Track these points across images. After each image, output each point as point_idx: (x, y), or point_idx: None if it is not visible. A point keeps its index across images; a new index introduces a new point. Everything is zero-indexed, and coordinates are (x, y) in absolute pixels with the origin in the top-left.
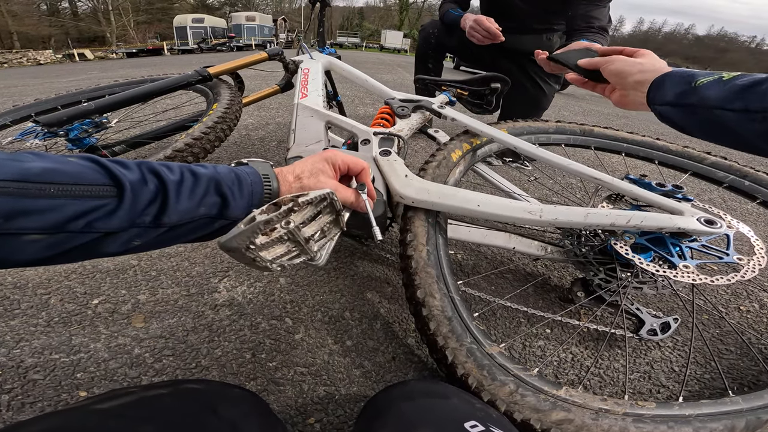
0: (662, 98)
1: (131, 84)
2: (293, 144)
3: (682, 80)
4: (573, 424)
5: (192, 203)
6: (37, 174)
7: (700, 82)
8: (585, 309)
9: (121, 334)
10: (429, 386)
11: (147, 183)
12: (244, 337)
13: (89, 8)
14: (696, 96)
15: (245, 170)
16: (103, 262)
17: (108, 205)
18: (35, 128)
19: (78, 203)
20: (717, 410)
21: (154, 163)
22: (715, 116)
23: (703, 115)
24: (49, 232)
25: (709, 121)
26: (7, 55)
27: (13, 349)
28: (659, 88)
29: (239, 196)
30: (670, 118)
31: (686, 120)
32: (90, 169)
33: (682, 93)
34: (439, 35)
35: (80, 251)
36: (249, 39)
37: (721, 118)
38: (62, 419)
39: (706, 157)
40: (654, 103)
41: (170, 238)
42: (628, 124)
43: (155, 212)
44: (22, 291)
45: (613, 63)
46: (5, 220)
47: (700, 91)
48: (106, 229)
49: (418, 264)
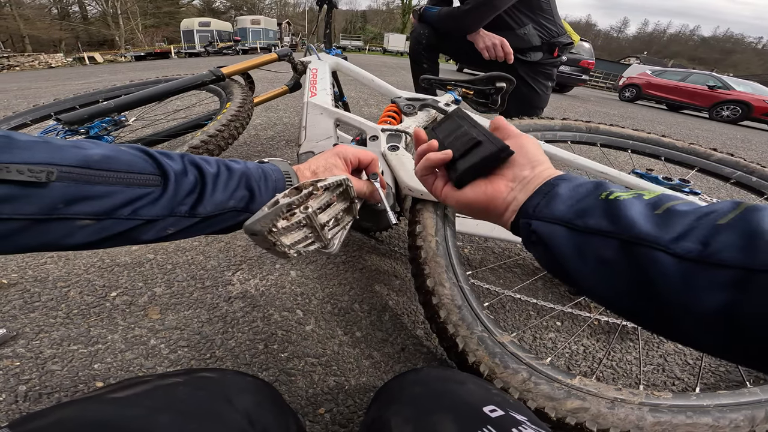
0: (549, 209)
1: (146, 84)
2: (304, 140)
3: (584, 189)
4: (588, 412)
5: (224, 196)
6: (97, 161)
7: (614, 195)
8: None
9: (138, 326)
10: (443, 372)
11: (188, 174)
12: (257, 328)
13: (99, 12)
14: (609, 215)
15: (270, 167)
16: (121, 256)
17: (153, 194)
18: (56, 126)
19: (128, 191)
20: (736, 401)
21: (194, 155)
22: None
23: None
24: (100, 217)
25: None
26: (19, 59)
27: (33, 341)
28: (548, 193)
29: (265, 191)
30: (546, 244)
31: (574, 252)
32: (140, 158)
33: (584, 207)
34: (429, 36)
35: (121, 237)
36: (254, 42)
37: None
38: (78, 409)
39: (712, 154)
40: (529, 215)
41: (200, 228)
42: (634, 125)
43: (192, 202)
44: (42, 284)
45: (520, 139)
46: (66, 204)
47: (617, 208)
48: (148, 216)
49: (427, 254)
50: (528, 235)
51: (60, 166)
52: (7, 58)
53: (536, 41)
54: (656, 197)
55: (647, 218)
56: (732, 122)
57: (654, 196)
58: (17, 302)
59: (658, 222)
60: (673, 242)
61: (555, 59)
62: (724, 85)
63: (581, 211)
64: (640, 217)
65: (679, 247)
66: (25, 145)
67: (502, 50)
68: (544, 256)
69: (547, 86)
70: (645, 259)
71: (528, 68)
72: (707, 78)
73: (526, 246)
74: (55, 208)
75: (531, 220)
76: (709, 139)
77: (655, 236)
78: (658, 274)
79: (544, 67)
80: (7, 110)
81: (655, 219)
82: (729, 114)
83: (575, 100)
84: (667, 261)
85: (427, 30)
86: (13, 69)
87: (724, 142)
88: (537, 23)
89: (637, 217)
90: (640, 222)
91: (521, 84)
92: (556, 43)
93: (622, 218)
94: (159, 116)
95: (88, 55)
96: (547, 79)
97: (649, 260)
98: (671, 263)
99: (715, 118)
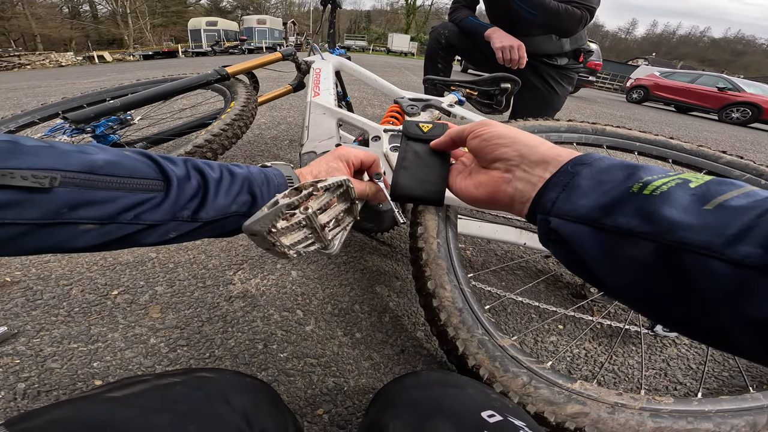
0: (569, 204)
1: (152, 83)
2: (307, 140)
3: (611, 177)
4: (588, 417)
5: (227, 201)
6: (101, 166)
7: (652, 187)
8: (598, 305)
9: (138, 324)
10: (442, 376)
11: (190, 179)
12: (257, 328)
13: (108, 11)
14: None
15: (273, 172)
16: (123, 255)
17: (155, 198)
18: (63, 125)
19: (131, 196)
20: (738, 406)
21: (197, 160)
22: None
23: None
24: (104, 222)
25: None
26: (30, 57)
27: (33, 339)
28: (567, 184)
29: (267, 195)
30: (567, 243)
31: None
32: (143, 163)
33: (612, 202)
34: (449, 37)
35: (123, 241)
36: (260, 42)
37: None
38: (75, 408)
39: (721, 156)
40: (547, 211)
41: (202, 232)
42: (641, 127)
43: (195, 207)
44: (45, 282)
45: (491, 126)
46: (70, 209)
47: (652, 204)
48: (151, 221)
49: (428, 256)
50: (547, 233)
51: (64, 172)
52: (18, 56)
53: (567, 48)
54: (704, 186)
55: (694, 216)
56: (742, 124)
57: (701, 184)
58: (19, 300)
59: (709, 221)
60: (728, 246)
61: (578, 64)
62: (734, 86)
63: (608, 207)
64: (684, 216)
65: (736, 252)
66: (31, 150)
67: (517, 53)
68: (565, 255)
69: (567, 89)
70: (692, 266)
71: (553, 71)
72: (717, 80)
73: (544, 243)
74: (59, 213)
75: (550, 217)
76: (718, 141)
77: (706, 241)
78: (709, 283)
79: (568, 71)
80: (17, 108)
81: (704, 217)
82: (739, 116)
83: (582, 101)
84: (721, 269)
85: (447, 30)
86: (24, 67)
87: (734, 144)
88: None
89: (681, 216)
90: (685, 222)
91: (543, 86)
92: (581, 50)
93: (660, 218)
94: (164, 115)
95: (97, 54)
96: (568, 83)
97: (698, 268)
98: (726, 271)
99: (724, 120)
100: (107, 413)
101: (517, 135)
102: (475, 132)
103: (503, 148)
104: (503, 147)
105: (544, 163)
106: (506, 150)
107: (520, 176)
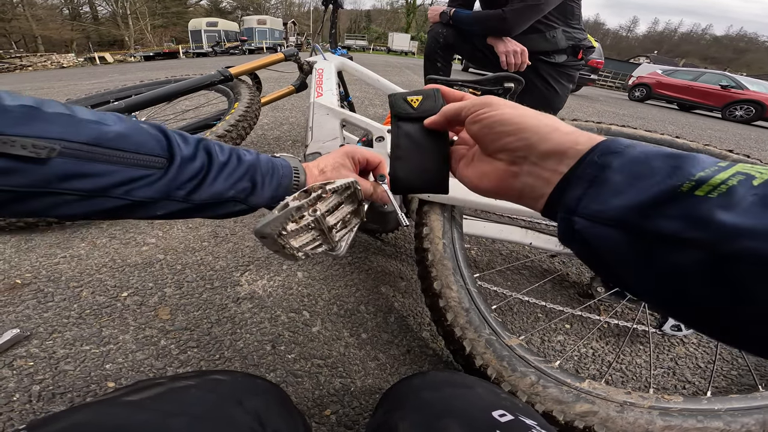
0: (599, 204)
1: (156, 84)
2: (311, 141)
3: (649, 169)
4: (597, 416)
5: (225, 185)
6: (110, 139)
7: (708, 188)
8: (605, 304)
9: (149, 326)
10: (450, 376)
11: (195, 160)
12: (265, 330)
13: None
14: (693, 218)
15: (281, 162)
16: (132, 257)
17: (153, 176)
18: None
19: (128, 171)
20: (748, 405)
21: (211, 141)
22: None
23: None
24: (93, 194)
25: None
26: (32, 59)
27: (46, 341)
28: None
29: (268, 185)
30: (591, 245)
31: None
32: (154, 138)
33: (652, 201)
34: (447, 36)
35: (107, 213)
36: (260, 42)
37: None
38: (93, 412)
39: (728, 155)
40: (571, 210)
41: (190, 212)
42: (644, 125)
43: (191, 188)
44: (55, 284)
45: (494, 108)
46: (60, 180)
47: (707, 208)
48: (141, 198)
49: (434, 256)
50: (569, 233)
51: (69, 142)
52: (20, 58)
53: (563, 44)
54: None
55: (759, 220)
56: (746, 122)
57: (765, 181)
58: (31, 302)
59: None
60: None
61: (578, 62)
62: (737, 84)
63: (648, 207)
64: (746, 221)
65: None
66: (46, 117)
67: (520, 58)
68: (589, 257)
69: (568, 88)
70: (752, 277)
71: (552, 69)
72: (720, 77)
73: (564, 242)
74: (48, 183)
75: (574, 218)
76: (723, 140)
77: None
78: None
79: (567, 69)
80: None
81: None
82: (743, 114)
83: (584, 99)
84: None
85: (446, 30)
86: (26, 69)
87: (738, 142)
88: (566, 28)
89: (742, 221)
90: (748, 228)
91: (542, 85)
92: (580, 46)
93: (716, 224)
94: (168, 116)
95: (98, 56)
96: (568, 81)
97: (759, 278)
98: None
99: (728, 118)
100: (124, 417)
101: (524, 120)
102: (475, 115)
103: (507, 138)
104: (507, 136)
105: (558, 155)
106: (511, 140)
107: (529, 170)
